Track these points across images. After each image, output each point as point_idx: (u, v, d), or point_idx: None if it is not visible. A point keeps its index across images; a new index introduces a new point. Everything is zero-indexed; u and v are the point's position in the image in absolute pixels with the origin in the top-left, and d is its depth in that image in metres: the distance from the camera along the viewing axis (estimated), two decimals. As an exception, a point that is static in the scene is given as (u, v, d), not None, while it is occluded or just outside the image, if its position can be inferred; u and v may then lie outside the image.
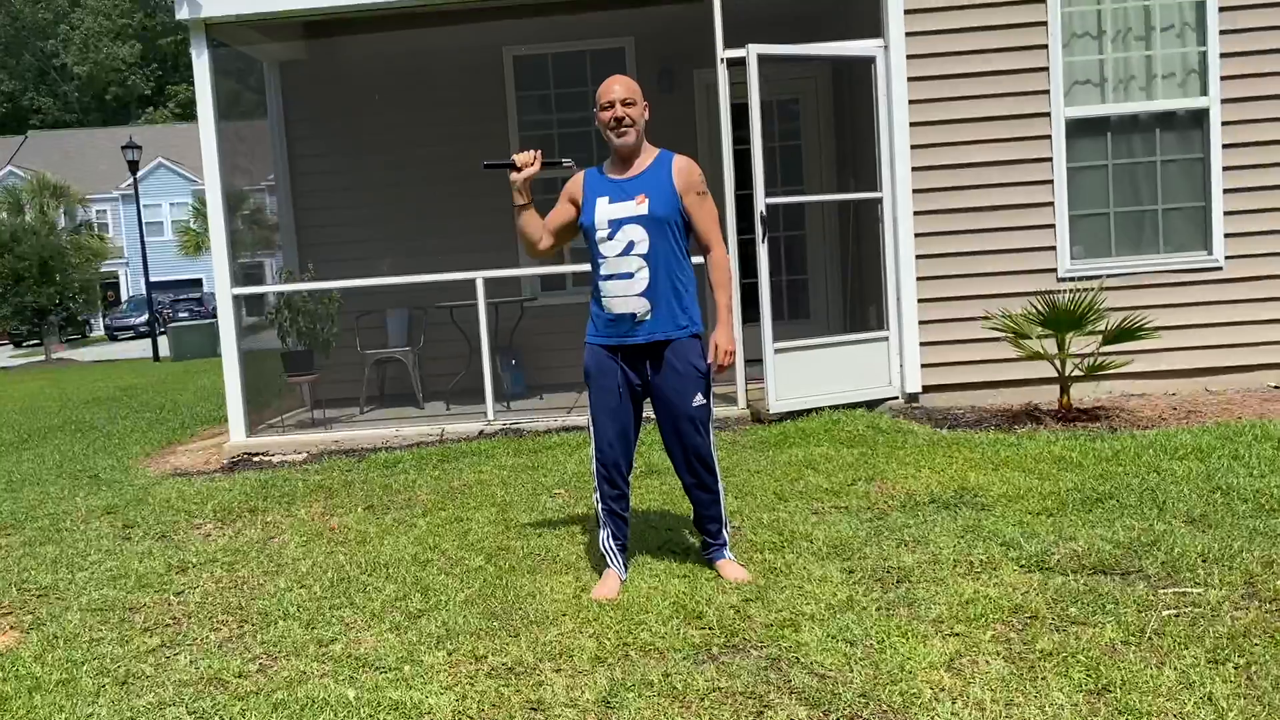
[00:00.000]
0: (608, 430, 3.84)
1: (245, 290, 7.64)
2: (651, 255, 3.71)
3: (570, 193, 3.92)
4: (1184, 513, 4.24)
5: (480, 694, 2.98)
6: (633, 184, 3.77)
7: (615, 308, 3.76)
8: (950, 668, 2.96)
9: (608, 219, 3.74)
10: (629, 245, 3.72)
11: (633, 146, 3.78)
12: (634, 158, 3.81)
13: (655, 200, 3.71)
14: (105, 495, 6.21)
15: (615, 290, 3.75)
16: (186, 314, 35.41)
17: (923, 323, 7.08)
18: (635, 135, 3.76)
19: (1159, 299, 6.98)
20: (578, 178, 3.93)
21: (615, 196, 3.76)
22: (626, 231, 3.72)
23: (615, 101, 3.73)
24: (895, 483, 5.05)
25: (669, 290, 3.75)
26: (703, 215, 3.82)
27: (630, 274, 3.72)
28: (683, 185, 3.76)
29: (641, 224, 3.71)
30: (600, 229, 3.76)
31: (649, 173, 3.78)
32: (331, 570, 4.29)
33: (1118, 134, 7.08)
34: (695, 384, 3.79)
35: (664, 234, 3.72)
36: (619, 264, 3.73)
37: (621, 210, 3.73)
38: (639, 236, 3.71)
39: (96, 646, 3.61)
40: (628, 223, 3.72)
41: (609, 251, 3.75)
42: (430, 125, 9.12)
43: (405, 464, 6.33)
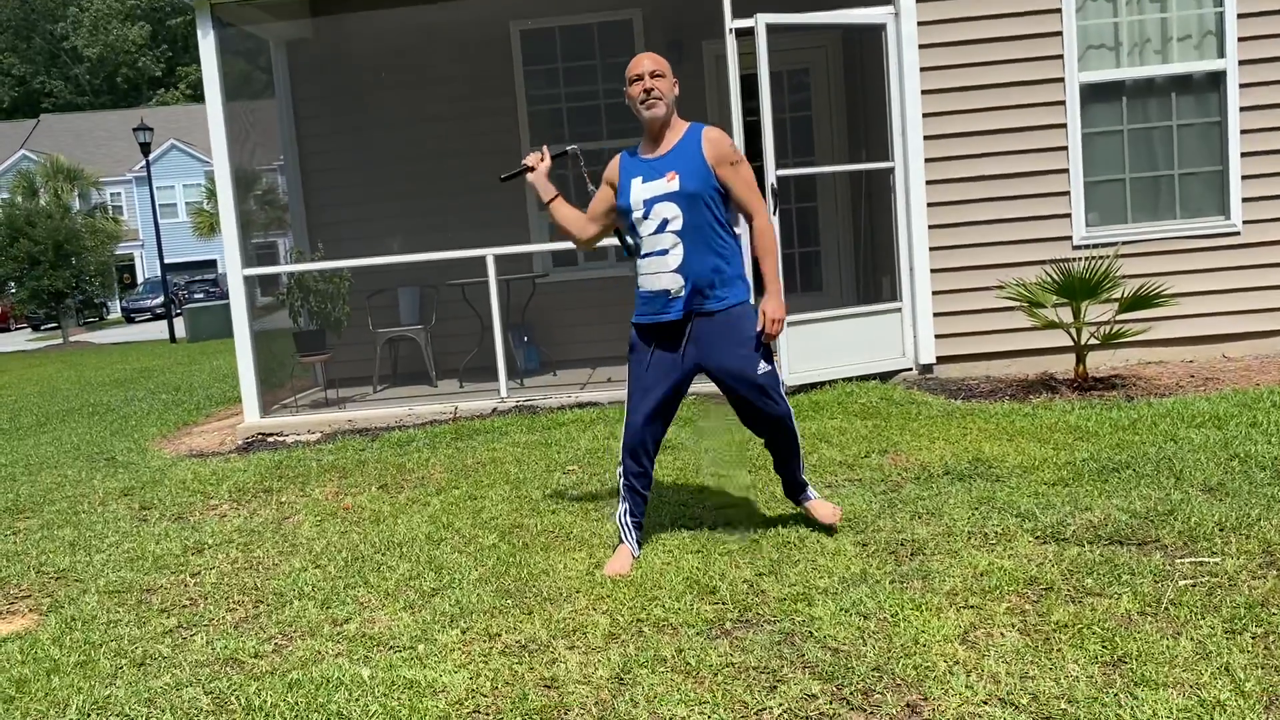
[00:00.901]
0: (641, 407, 3.84)
1: (256, 271, 7.65)
2: (685, 231, 3.70)
3: (608, 177, 3.93)
4: (1201, 481, 4.21)
5: (494, 672, 2.99)
6: (663, 161, 3.75)
7: (650, 284, 3.77)
8: (964, 640, 2.94)
9: (642, 199, 3.74)
10: (663, 223, 3.71)
11: (662, 119, 3.76)
12: (664, 133, 3.79)
13: (686, 175, 3.70)
14: (122, 477, 6.25)
15: (651, 267, 3.75)
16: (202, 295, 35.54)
17: (936, 293, 7.02)
18: (664, 108, 3.74)
19: (1176, 265, 6.90)
20: (613, 162, 3.91)
21: (648, 175, 3.75)
22: (659, 209, 3.71)
23: (644, 74, 3.73)
24: (909, 454, 5.02)
25: (707, 265, 3.72)
26: (739, 184, 3.78)
27: (665, 250, 3.72)
28: (714, 157, 3.73)
29: (674, 200, 3.69)
30: (636, 209, 3.75)
31: (679, 148, 3.76)
32: (346, 550, 4.30)
33: (1133, 98, 6.98)
34: (753, 352, 3.77)
35: (698, 208, 3.70)
36: (654, 241, 3.73)
37: (654, 189, 3.72)
38: (672, 213, 3.70)
39: (114, 628, 3.64)
40: (660, 200, 3.71)
41: (645, 230, 3.75)
42: (438, 101, 9.08)
43: (419, 442, 6.34)
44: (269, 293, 8.49)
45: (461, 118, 9.03)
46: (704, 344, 3.77)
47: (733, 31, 6.79)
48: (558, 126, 9.13)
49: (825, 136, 9.25)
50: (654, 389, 3.81)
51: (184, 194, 47.05)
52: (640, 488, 3.90)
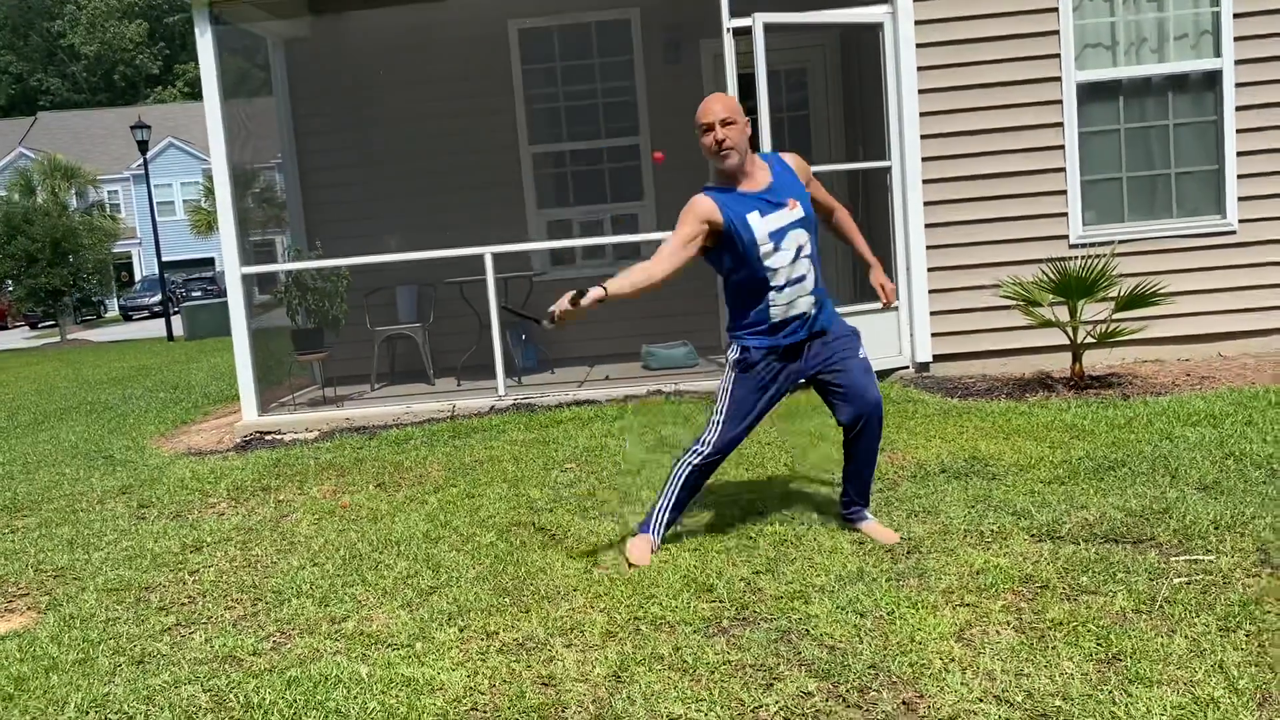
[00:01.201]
0: (740, 427, 3.85)
1: (254, 269, 7.65)
2: (813, 254, 3.79)
3: (705, 216, 3.68)
4: (1196, 480, 4.22)
5: (492, 670, 3.00)
6: (775, 192, 3.74)
7: (788, 312, 3.76)
8: (960, 638, 2.96)
9: (768, 231, 3.67)
10: (798, 250, 3.72)
11: (737, 167, 3.72)
12: (747, 171, 3.75)
13: (801, 200, 3.77)
14: (120, 475, 6.25)
15: (794, 294, 3.74)
16: (199, 293, 35.51)
17: (933, 291, 7.04)
18: (738, 157, 3.69)
19: (1172, 264, 6.92)
20: (703, 201, 3.70)
21: (765, 209, 3.70)
22: (793, 238, 3.71)
23: (715, 123, 3.66)
24: (906, 452, 5.04)
25: (821, 285, 3.84)
26: (821, 192, 3.98)
27: (803, 276, 3.75)
28: (805, 178, 3.86)
29: (804, 227, 3.74)
30: (763, 244, 3.67)
31: (781, 179, 3.77)
32: (344, 548, 4.31)
33: (1130, 97, 7.00)
34: (855, 336, 3.92)
35: (815, 231, 3.81)
36: (793, 269, 3.72)
37: (779, 220, 3.70)
38: (804, 240, 3.74)
39: (112, 626, 3.65)
40: (791, 229, 3.71)
41: (779, 262, 3.70)
42: (436, 100, 9.08)
43: (416, 441, 6.35)
44: (266, 291, 8.48)
45: (460, 116, 9.04)
46: (822, 355, 3.83)
47: (730, 30, 6.80)
48: (555, 126, 9.14)
49: (822, 135, 9.26)
50: (762, 409, 3.87)
51: (181, 192, 47.03)
52: (695, 495, 3.98)
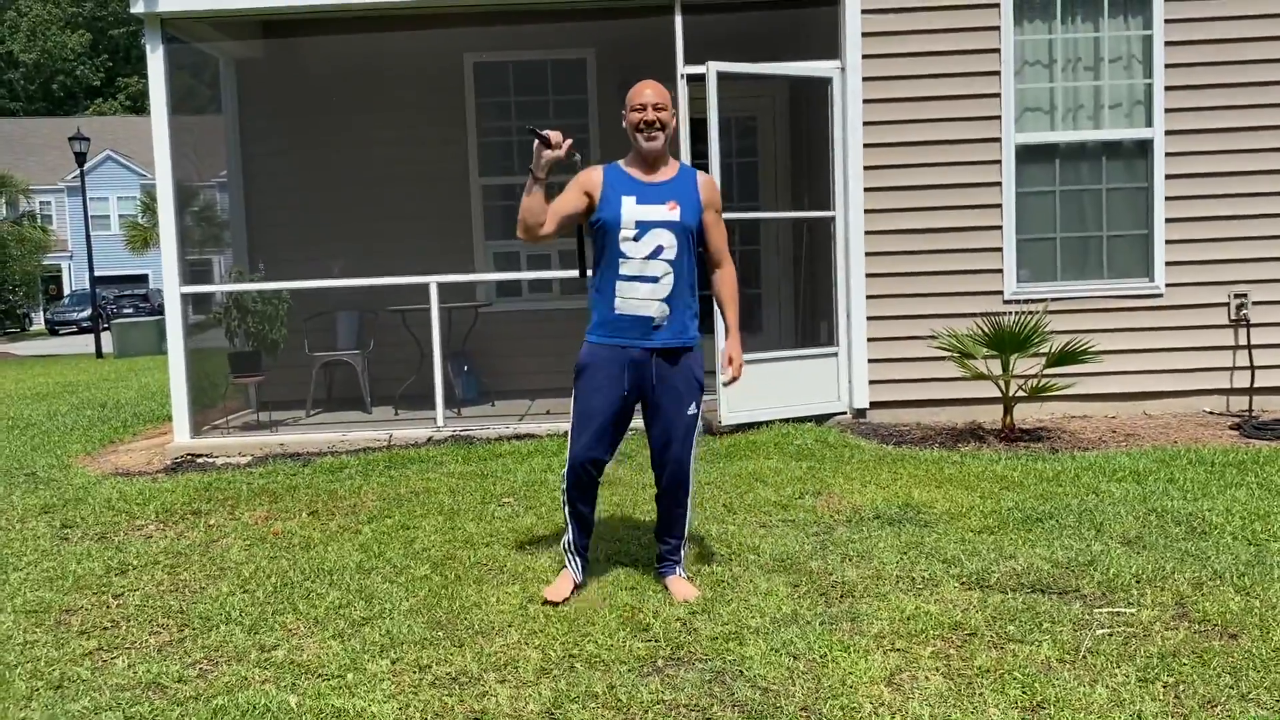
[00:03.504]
0: (590, 432, 3.77)
1: (194, 289, 7.54)
2: (677, 262, 3.75)
3: (585, 185, 3.80)
4: (1120, 534, 4.35)
5: (424, 703, 2.98)
6: (664, 189, 3.77)
7: (634, 309, 3.73)
8: (890, 683, 3.01)
9: (635, 219, 3.71)
10: (658, 249, 3.72)
11: (659, 151, 3.78)
12: (659, 164, 3.81)
13: (686, 209, 3.76)
14: (43, 494, 6.08)
15: (638, 292, 3.72)
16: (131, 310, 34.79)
17: (871, 340, 7.17)
18: (663, 141, 3.77)
19: (1102, 323, 7.15)
20: (594, 172, 3.82)
21: (644, 198, 3.74)
22: (656, 235, 3.71)
23: (647, 105, 3.73)
24: (842, 497, 5.11)
25: (685, 299, 3.79)
26: (718, 233, 3.92)
27: (656, 278, 3.72)
28: (706, 200, 3.84)
29: (672, 230, 3.73)
30: (626, 228, 3.71)
31: (678, 182, 3.80)
32: (275, 575, 4.24)
33: (1066, 161, 7.24)
34: (694, 394, 3.83)
35: (687, 243, 3.77)
36: (645, 266, 3.71)
37: (652, 213, 3.72)
38: (668, 242, 3.72)
39: (30, 649, 3.54)
40: (659, 227, 3.72)
41: (635, 253, 3.71)
42: (388, 128, 9.08)
43: (351, 469, 6.28)
44: (202, 311, 8.35)
45: (410, 144, 9.04)
46: (660, 377, 3.78)
47: (684, 77, 6.92)
48: (507, 159, 9.18)
49: (770, 183, 9.43)
50: (604, 412, 3.77)
51: (119, 206, 46.08)
52: (587, 513, 3.90)
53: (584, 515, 3.90)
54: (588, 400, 3.80)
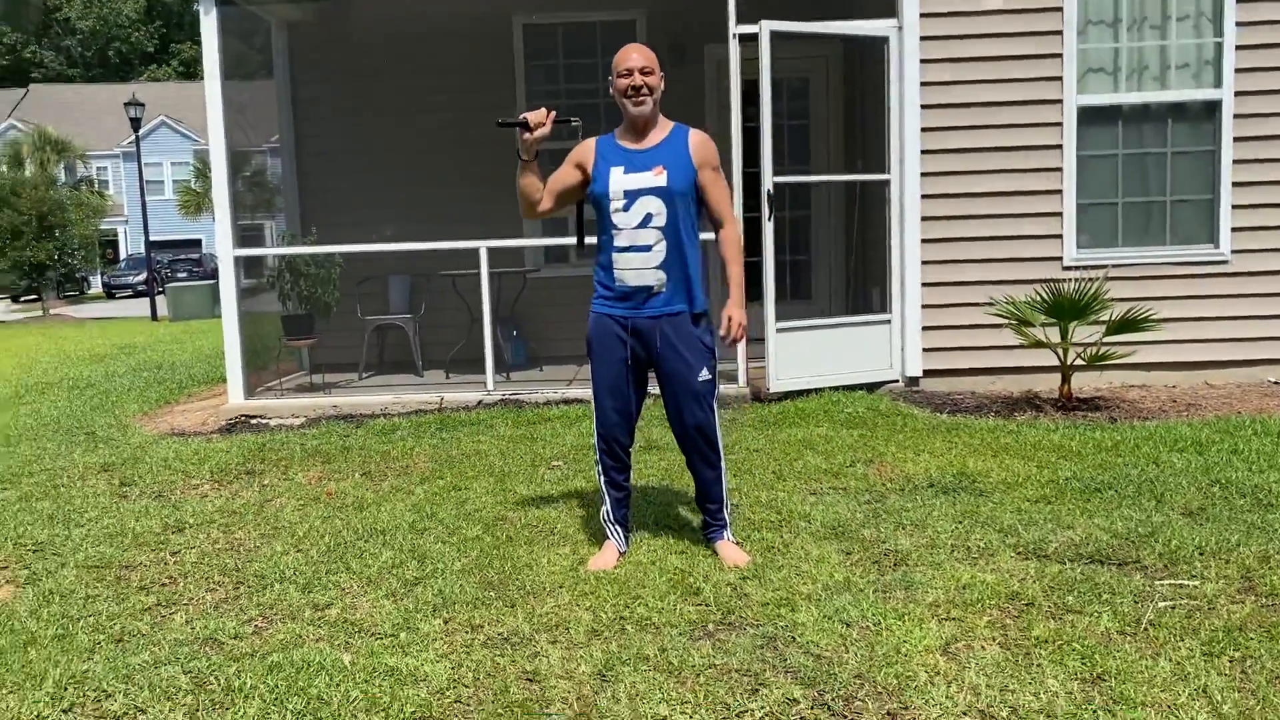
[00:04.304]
0: (609, 402, 3.81)
1: (247, 252, 7.61)
2: (669, 228, 3.68)
3: (578, 158, 3.85)
4: (1182, 505, 4.25)
5: (476, 663, 2.99)
6: (650, 155, 3.71)
7: (631, 280, 3.71)
8: (946, 652, 2.96)
9: (624, 189, 3.69)
10: (646, 217, 3.68)
11: (648, 116, 3.72)
12: (649, 128, 3.76)
13: (674, 173, 3.67)
14: (102, 452, 6.20)
15: (632, 262, 3.70)
16: (185, 274, 35.29)
17: (926, 306, 7.06)
18: (652, 105, 3.71)
19: (1164, 291, 6.97)
20: (588, 144, 3.85)
21: (631, 166, 3.70)
22: (644, 203, 3.67)
23: (634, 70, 3.67)
24: (894, 465, 5.05)
25: (683, 264, 3.71)
26: (717, 191, 3.79)
27: (648, 246, 3.68)
28: (700, 159, 3.72)
29: (660, 196, 3.66)
30: (615, 199, 3.70)
31: (666, 145, 3.73)
32: (328, 535, 4.29)
33: (1129, 123, 7.04)
34: (702, 359, 3.76)
35: (681, 208, 3.69)
36: (636, 235, 3.69)
37: (639, 181, 3.68)
38: (657, 209, 3.67)
39: (92, 603, 3.61)
40: (646, 194, 3.67)
41: (625, 223, 3.69)
42: (438, 91, 9.06)
43: (403, 431, 6.33)
44: (255, 274, 8.43)
45: (460, 109, 9.01)
46: (664, 343, 3.74)
47: (736, 37, 6.81)
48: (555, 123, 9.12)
49: (821, 146, 9.29)
50: (622, 383, 3.78)
51: (172, 172, 46.72)
52: (621, 483, 3.89)
53: (620, 484, 3.89)
54: (600, 373, 3.81)
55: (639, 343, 3.77)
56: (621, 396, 3.80)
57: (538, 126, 3.76)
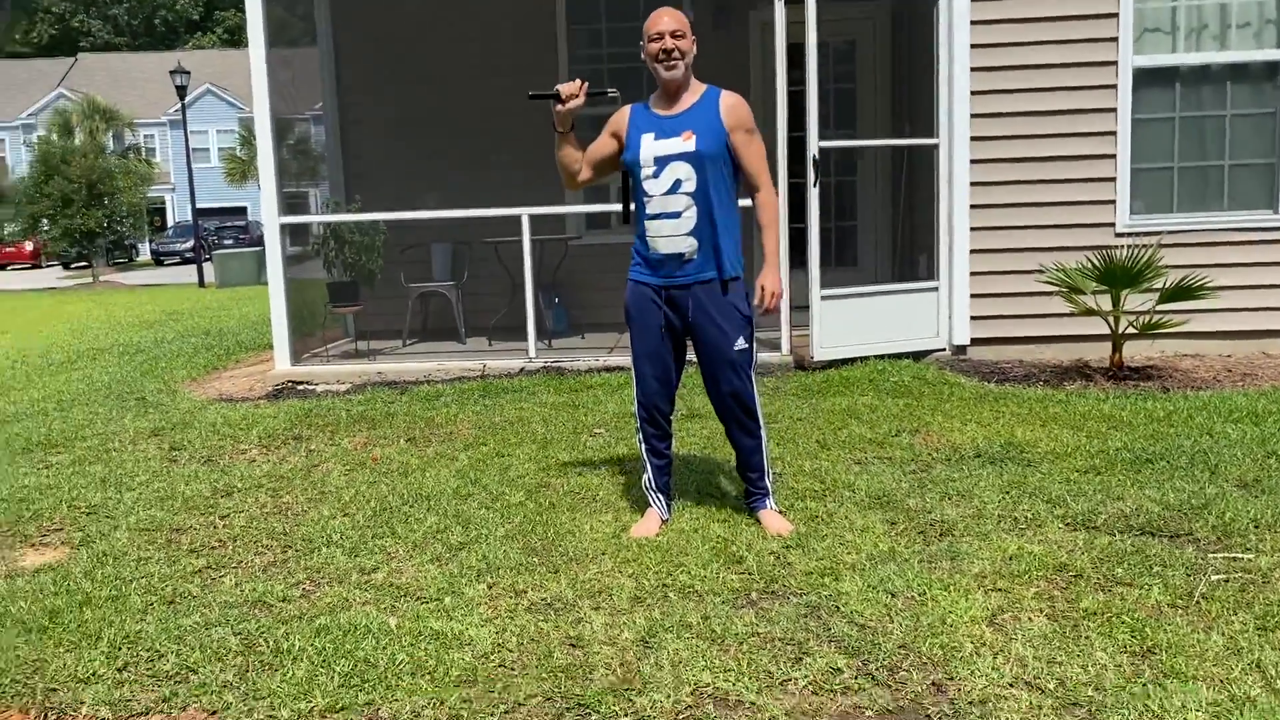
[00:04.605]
0: (648, 370, 3.80)
1: (292, 219, 7.66)
2: (699, 194, 3.63)
3: (614, 127, 3.83)
4: (1237, 477, 4.16)
5: (520, 628, 3.00)
6: (680, 120, 3.67)
7: (662, 247, 3.69)
8: (992, 623, 2.93)
9: (654, 155, 3.66)
10: (676, 183, 3.64)
11: (680, 80, 3.67)
12: (681, 93, 3.71)
13: (703, 137, 3.62)
14: (152, 417, 6.30)
15: (663, 229, 3.68)
16: (231, 241, 35.69)
17: (974, 274, 6.95)
18: (683, 69, 3.66)
19: (1220, 258, 6.80)
20: (623, 112, 3.83)
21: (661, 133, 3.67)
22: (673, 169, 3.63)
23: (664, 33, 3.62)
24: (940, 435, 4.99)
25: (715, 230, 3.66)
26: (751, 154, 3.71)
27: (678, 213, 3.65)
28: (731, 122, 3.65)
29: (689, 161, 3.62)
30: (646, 166, 3.67)
31: (697, 109, 3.68)
32: (374, 500, 4.33)
33: (1187, 85, 6.85)
34: (738, 327, 3.71)
35: (711, 172, 3.63)
36: (666, 202, 3.65)
37: (668, 147, 3.64)
38: (686, 174, 3.62)
39: (144, 565, 3.68)
40: (675, 160, 3.63)
41: (655, 189, 3.67)
42: (480, 57, 9.02)
43: (447, 398, 6.36)
44: (300, 242, 8.49)
45: (503, 74, 8.96)
46: (698, 310, 3.70)
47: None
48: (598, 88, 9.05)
49: (868, 110, 9.14)
50: (659, 352, 3.77)
51: (217, 139, 47.13)
52: (662, 450, 3.88)
53: (661, 452, 3.87)
54: (638, 342, 3.81)
55: (674, 311, 3.75)
56: (660, 364, 3.79)
57: (570, 98, 3.76)
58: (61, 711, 2.66)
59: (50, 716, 2.65)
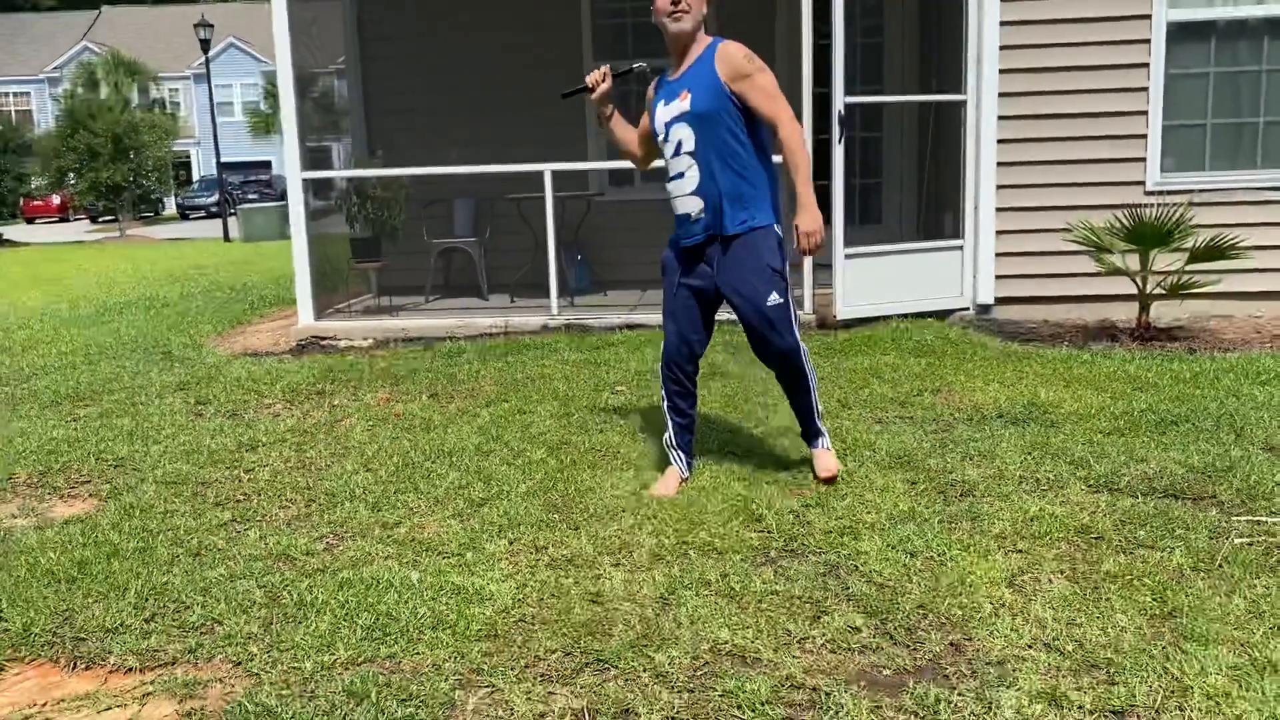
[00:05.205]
0: (670, 326, 3.83)
1: (315, 175, 7.65)
2: (699, 153, 3.60)
3: (648, 101, 3.89)
4: (1263, 440, 4.12)
5: (540, 583, 3.03)
6: (679, 82, 3.66)
7: (677, 208, 3.74)
8: (1012, 584, 2.93)
9: (663, 121, 3.69)
10: (678, 144, 3.65)
11: (688, 33, 3.62)
12: (688, 51, 3.67)
13: (698, 95, 3.57)
14: (178, 372, 6.36)
15: (674, 190, 3.73)
16: (255, 196, 35.78)
17: (1000, 233, 6.87)
18: (691, 22, 3.60)
19: (1252, 216, 6.68)
20: (652, 85, 3.89)
21: (668, 97, 3.68)
22: (675, 131, 3.65)
23: None
24: (962, 395, 4.97)
25: (723, 186, 3.60)
26: (757, 94, 3.55)
27: (681, 174, 3.67)
28: (728, 73, 3.54)
29: (686, 121, 3.61)
30: (659, 132, 3.72)
31: (694, 67, 3.64)
32: (397, 455, 4.36)
33: (1222, 40, 6.69)
34: (767, 281, 3.62)
35: (711, 128, 3.56)
36: (673, 164, 3.69)
37: (671, 110, 3.65)
38: (685, 135, 3.62)
39: (171, 518, 3.73)
40: (676, 122, 3.64)
41: (666, 153, 3.71)
42: (503, 9, 8.93)
43: (469, 354, 6.38)
44: (323, 197, 8.49)
45: (525, 29, 8.89)
46: (721, 267, 3.69)
47: (809, -50, 6.57)
48: (621, 43, 8.97)
49: (896, 65, 9.00)
50: (680, 309, 3.79)
51: (241, 93, 47.06)
52: (684, 408, 3.88)
53: (682, 410, 3.88)
54: (666, 299, 3.86)
55: (692, 271, 3.75)
56: (680, 322, 3.79)
57: (597, 86, 3.82)
58: (90, 661, 2.72)
59: (79, 666, 2.70)
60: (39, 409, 5.52)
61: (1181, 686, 2.38)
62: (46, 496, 4.10)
